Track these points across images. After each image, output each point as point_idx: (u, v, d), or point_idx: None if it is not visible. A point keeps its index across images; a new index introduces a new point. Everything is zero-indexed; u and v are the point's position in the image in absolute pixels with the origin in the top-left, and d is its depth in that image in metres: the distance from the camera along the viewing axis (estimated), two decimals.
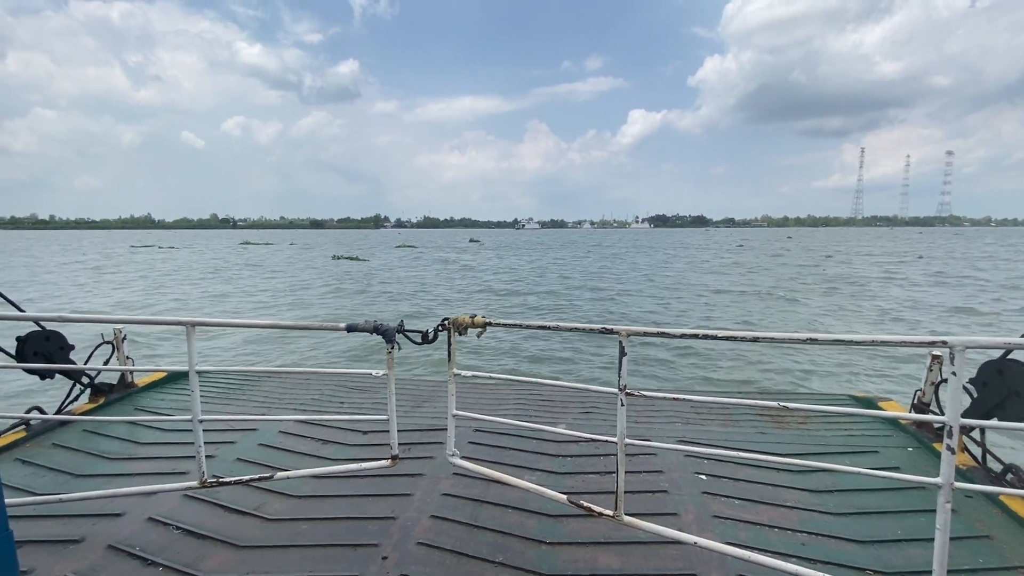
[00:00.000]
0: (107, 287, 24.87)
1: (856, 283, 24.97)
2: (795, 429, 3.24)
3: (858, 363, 10.45)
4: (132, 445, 3.11)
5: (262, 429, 3.28)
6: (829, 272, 30.54)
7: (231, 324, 2.43)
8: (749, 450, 2.87)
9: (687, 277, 29.02)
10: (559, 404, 3.89)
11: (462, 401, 3.75)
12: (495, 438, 3.11)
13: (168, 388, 4.22)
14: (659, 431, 3.26)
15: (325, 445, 3.09)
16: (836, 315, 16.80)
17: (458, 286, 25.73)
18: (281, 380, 4.64)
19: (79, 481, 2.67)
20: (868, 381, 9.49)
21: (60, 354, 3.38)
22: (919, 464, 2.69)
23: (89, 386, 3.69)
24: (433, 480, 2.62)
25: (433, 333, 2.21)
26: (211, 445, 2.97)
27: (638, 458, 2.80)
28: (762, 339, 1.85)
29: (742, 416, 3.47)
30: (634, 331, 1.96)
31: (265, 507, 2.41)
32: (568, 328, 2.14)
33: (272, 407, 3.91)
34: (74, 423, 3.30)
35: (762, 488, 2.49)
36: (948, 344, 1.50)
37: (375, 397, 4.16)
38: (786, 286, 23.91)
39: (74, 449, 3.02)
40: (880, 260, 39.99)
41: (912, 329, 14.63)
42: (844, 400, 3.82)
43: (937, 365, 2.89)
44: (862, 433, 3.13)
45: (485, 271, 34.39)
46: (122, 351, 3.75)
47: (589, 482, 2.62)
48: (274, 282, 27.39)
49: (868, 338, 1.72)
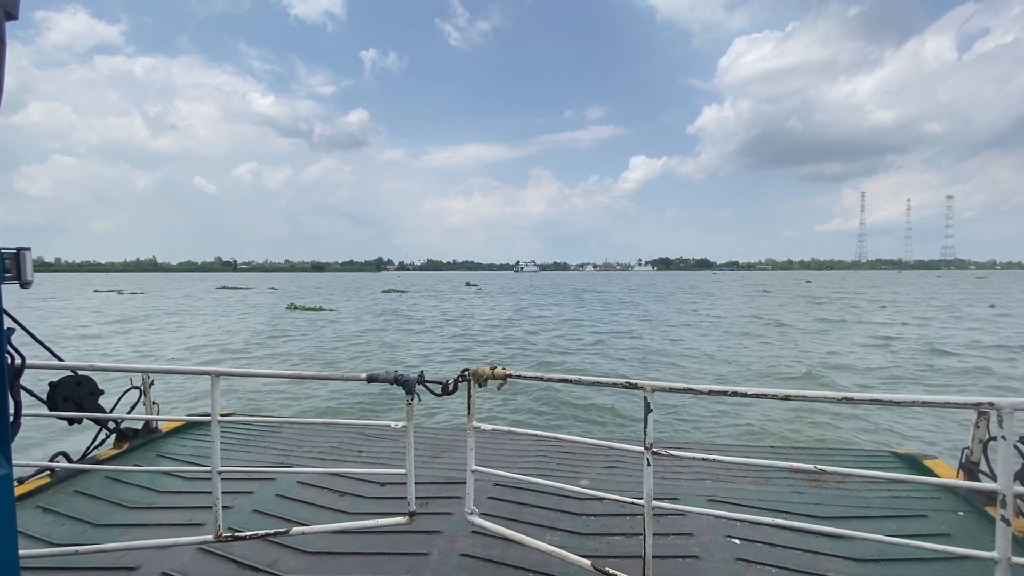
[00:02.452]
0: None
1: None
2: (835, 489, 3.13)
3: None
4: (152, 493, 3.16)
5: (280, 479, 3.31)
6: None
7: (255, 374, 2.47)
8: (786, 511, 2.79)
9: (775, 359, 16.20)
10: (581, 458, 3.83)
11: (481, 453, 3.75)
12: (515, 494, 3.06)
13: (191, 434, 4.33)
14: (687, 488, 3.17)
15: (342, 497, 3.09)
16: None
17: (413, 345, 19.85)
18: (301, 428, 4.72)
19: (97, 531, 2.72)
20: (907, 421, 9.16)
21: (89, 399, 3.53)
22: (972, 531, 2.60)
23: (115, 431, 3.85)
24: (451, 539, 2.57)
25: (453, 384, 2.26)
26: (228, 495, 3.00)
27: (666, 519, 2.71)
28: (794, 397, 1.83)
29: (776, 474, 3.38)
30: (660, 387, 1.95)
31: (279, 563, 2.39)
32: (591, 382, 2.15)
33: (291, 455, 3.96)
34: (97, 470, 3.39)
35: (801, 555, 2.39)
36: (996, 406, 1.48)
37: (394, 446, 4.17)
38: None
39: (95, 497, 3.08)
40: (964, 312, 32.12)
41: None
42: (886, 457, 3.72)
43: (984, 422, 2.84)
44: (908, 495, 3.02)
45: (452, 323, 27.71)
46: (149, 397, 3.92)
47: (614, 545, 2.54)
48: (183, 332, 23.68)
49: (909, 398, 1.70)
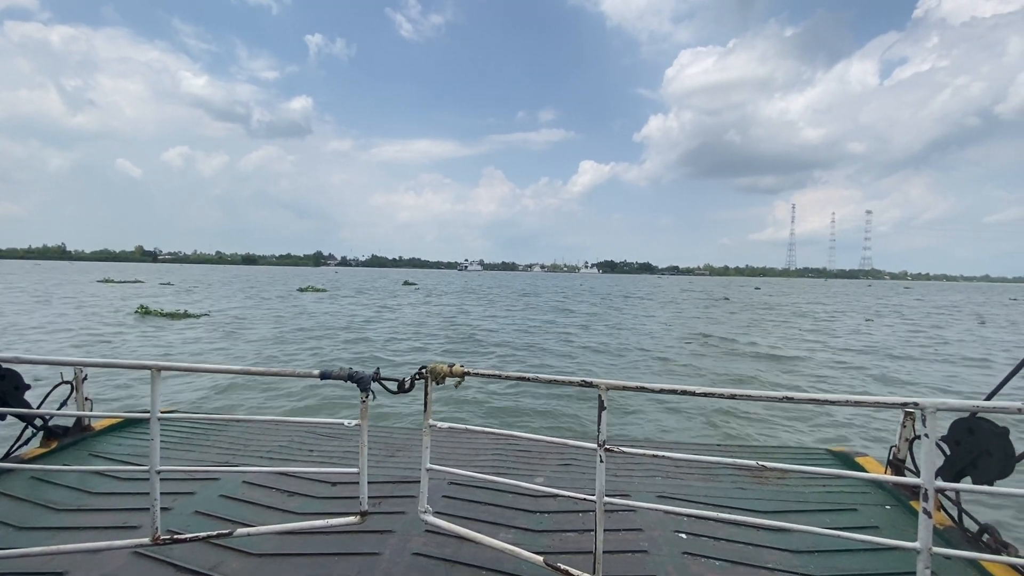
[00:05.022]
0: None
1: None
2: (774, 485, 3.37)
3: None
4: (83, 495, 2.96)
5: (224, 479, 3.16)
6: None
7: (198, 369, 2.34)
8: (730, 506, 2.97)
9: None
10: (536, 456, 3.91)
11: (436, 452, 3.66)
12: (470, 492, 3.08)
13: (127, 433, 4.07)
14: (638, 484, 3.31)
15: (291, 498, 2.99)
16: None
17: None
18: (248, 427, 4.53)
19: (21, 534, 2.55)
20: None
21: (15, 394, 3.34)
22: (898, 523, 2.84)
23: (43, 429, 3.63)
24: (403, 538, 2.56)
25: (410, 382, 2.25)
26: (168, 496, 2.87)
27: (617, 515, 2.82)
28: (739, 396, 1.94)
29: (722, 471, 3.58)
30: (614, 385, 2.02)
31: (222, 567, 2.28)
32: (547, 380, 2.18)
33: (237, 455, 3.78)
34: (23, 470, 3.16)
35: (743, 548, 2.54)
36: (920, 406, 1.64)
37: (346, 445, 4.07)
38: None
39: (19, 498, 2.88)
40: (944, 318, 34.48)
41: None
42: (822, 455, 4.03)
43: (910, 422, 3.11)
44: (840, 490, 3.29)
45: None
46: (81, 392, 3.65)
47: (567, 541, 2.61)
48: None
49: (843, 398, 1.85)
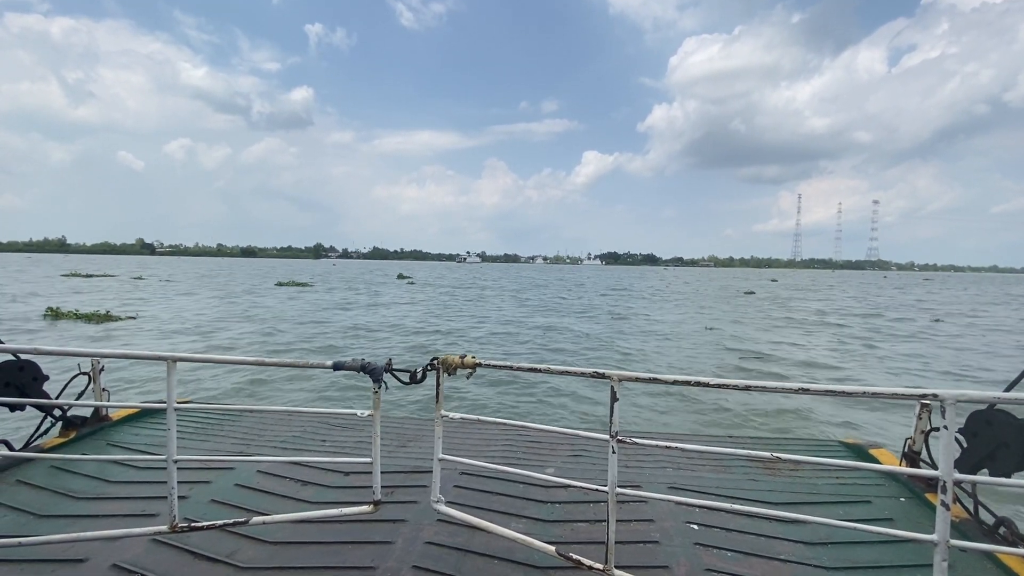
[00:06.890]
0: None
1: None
2: (787, 476, 3.40)
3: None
4: (102, 483, 3.06)
5: (240, 468, 3.26)
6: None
7: (214, 360, 2.40)
8: (742, 498, 2.99)
9: None
10: (547, 447, 3.97)
11: (448, 442, 3.72)
12: (482, 482, 3.15)
13: (144, 422, 4.20)
14: (649, 476, 3.35)
15: (305, 487, 3.08)
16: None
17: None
18: (262, 417, 4.66)
19: (42, 522, 2.63)
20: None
21: (33, 385, 3.43)
22: (912, 516, 2.86)
23: (61, 419, 3.72)
24: (416, 527, 2.62)
25: (422, 373, 2.30)
26: (185, 485, 2.95)
27: (628, 505, 2.85)
28: (754, 388, 1.96)
29: (734, 462, 3.61)
30: (627, 376, 2.03)
31: (238, 554, 2.36)
32: (559, 371, 2.21)
33: (251, 444, 3.89)
34: (42, 459, 3.24)
35: (755, 540, 2.57)
36: (939, 397, 1.65)
37: (359, 436, 4.18)
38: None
39: (39, 487, 2.97)
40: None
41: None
42: (835, 446, 4.04)
43: (926, 414, 3.12)
44: (854, 482, 3.30)
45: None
46: (99, 383, 3.76)
47: (578, 531, 2.66)
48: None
49: (859, 389, 1.86)
